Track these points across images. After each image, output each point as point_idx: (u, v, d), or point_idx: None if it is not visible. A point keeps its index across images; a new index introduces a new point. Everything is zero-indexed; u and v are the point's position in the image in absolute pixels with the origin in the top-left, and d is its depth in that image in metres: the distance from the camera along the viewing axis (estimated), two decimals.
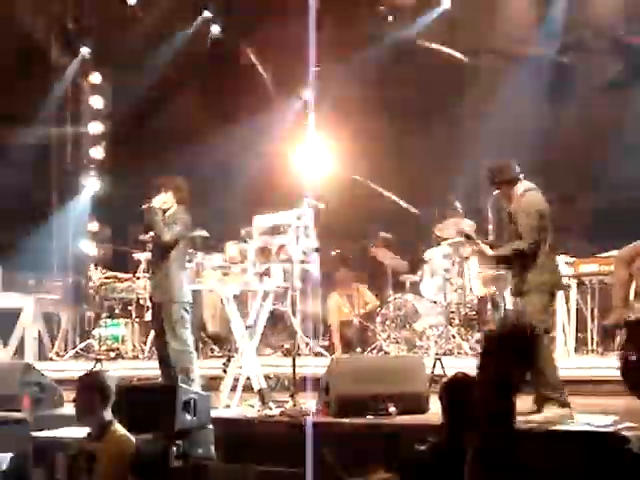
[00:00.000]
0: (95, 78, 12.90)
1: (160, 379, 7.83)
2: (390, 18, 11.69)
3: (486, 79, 11.60)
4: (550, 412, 6.22)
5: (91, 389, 4.96)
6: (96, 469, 4.79)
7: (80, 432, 5.47)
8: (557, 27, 11.21)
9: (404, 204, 11.52)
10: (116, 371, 9.21)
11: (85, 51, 12.84)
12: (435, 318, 9.51)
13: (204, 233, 10.60)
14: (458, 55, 11.64)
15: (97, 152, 12.80)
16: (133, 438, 4.94)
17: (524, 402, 6.47)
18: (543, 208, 6.55)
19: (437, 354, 8.09)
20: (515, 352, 3.79)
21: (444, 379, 5.38)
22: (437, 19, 11.72)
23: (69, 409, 7.45)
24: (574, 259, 8.88)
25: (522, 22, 11.41)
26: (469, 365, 6.34)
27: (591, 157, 10.59)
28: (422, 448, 4.30)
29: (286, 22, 11.60)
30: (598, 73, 11.24)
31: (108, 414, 4.95)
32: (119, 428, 4.94)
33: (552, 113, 11.04)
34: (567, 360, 8.44)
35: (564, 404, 6.30)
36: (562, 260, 8.83)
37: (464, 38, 11.68)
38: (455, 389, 4.41)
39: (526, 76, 11.35)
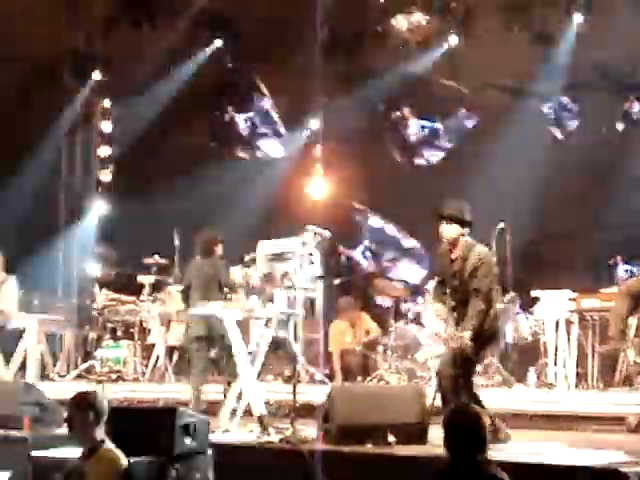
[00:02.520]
0: (106, 103, 13.03)
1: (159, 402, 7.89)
2: (401, 49, 11.78)
3: (489, 115, 11.70)
4: None
5: (84, 408, 4.98)
6: None
7: (79, 452, 5.50)
8: (561, 66, 11.34)
9: (405, 235, 11.57)
10: (117, 393, 9.23)
11: (97, 76, 12.98)
12: (437, 349, 9.50)
13: None
14: (464, 90, 11.76)
15: (106, 175, 12.91)
16: (124, 458, 4.96)
17: None
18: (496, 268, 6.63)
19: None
20: None
21: (449, 409, 5.38)
22: (443, 55, 11.85)
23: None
24: (576, 294, 8.91)
25: (526, 61, 11.51)
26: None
27: (594, 194, 10.66)
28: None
29: (296, 54, 11.75)
30: (601, 113, 11.34)
31: (100, 433, 4.97)
32: (110, 447, 4.96)
33: (555, 150, 11.13)
34: (567, 396, 8.45)
35: None
36: (565, 295, 8.90)
37: (468, 74, 11.79)
38: (459, 420, 4.41)
39: (529, 113, 11.47)
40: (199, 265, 8.72)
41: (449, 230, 6.62)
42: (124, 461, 4.93)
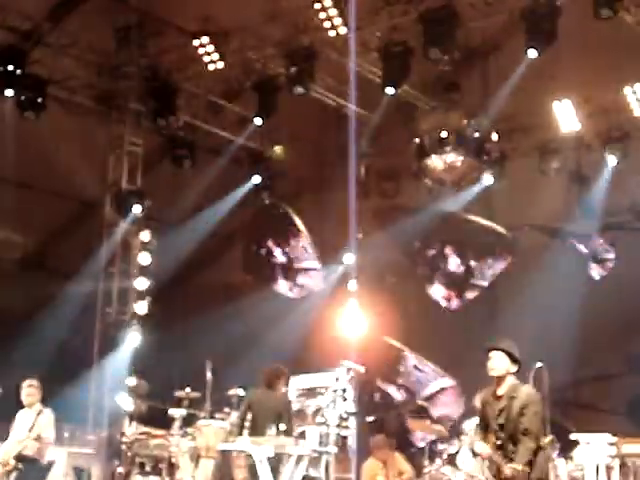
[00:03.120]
0: (144, 236, 13.23)
1: None
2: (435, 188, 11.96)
3: (525, 255, 11.71)
4: None
5: None
6: None
7: None
8: (596, 207, 11.41)
9: (441, 373, 11.44)
10: None
11: (137, 209, 13.25)
12: None
13: (240, 392, 10.57)
14: (500, 229, 11.84)
15: (141, 307, 12.97)
16: None
17: None
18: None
19: None
20: None
21: None
22: (478, 194, 12.01)
23: None
24: (617, 438, 8.67)
25: (562, 201, 11.61)
26: None
27: (629, 335, 10.51)
28: None
29: (332, 191, 11.97)
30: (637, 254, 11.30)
31: None
32: None
33: (590, 291, 11.06)
34: None
35: None
36: (605, 439, 8.65)
37: (504, 214, 11.90)
38: None
39: (564, 254, 11.47)
40: (260, 397, 8.57)
41: (499, 364, 6.49)
42: None
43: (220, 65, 11.29)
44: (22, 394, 9.06)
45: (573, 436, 8.91)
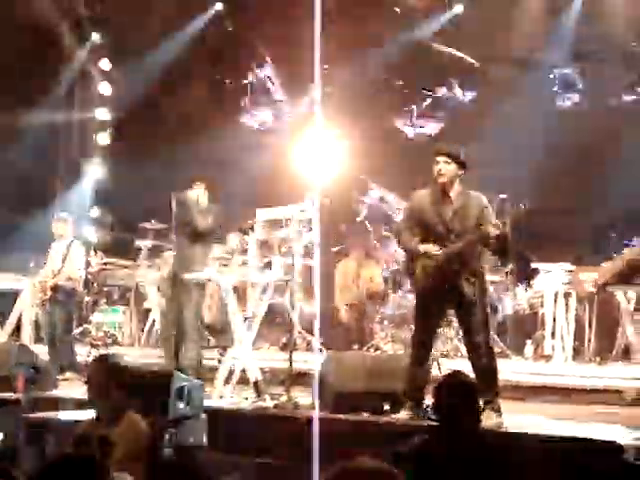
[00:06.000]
0: (104, 65, 12.89)
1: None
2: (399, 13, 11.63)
3: (491, 85, 11.57)
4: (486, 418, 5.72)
5: (109, 372, 4.88)
6: (113, 453, 4.54)
7: (73, 415, 5.46)
8: (568, 37, 11.21)
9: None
10: None
11: (96, 37, 12.84)
12: None
13: None
14: (470, 60, 11.62)
15: (103, 138, 12.80)
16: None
17: None
18: None
19: (434, 355, 8.03)
20: None
21: (439, 378, 5.32)
22: (448, 23, 11.72)
23: (62, 391, 7.48)
24: (574, 267, 8.88)
25: (533, 30, 11.37)
26: (466, 367, 6.35)
27: (595, 169, 10.57)
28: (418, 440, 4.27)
29: (297, 19, 11.56)
30: (609, 84, 11.21)
31: (124, 398, 4.87)
32: (133, 413, 4.86)
33: (558, 124, 11.02)
34: (564, 368, 8.43)
35: (499, 410, 6.13)
36: (562, 268, 8.86)
37: (474, 43, 11.65)
38: (449, 389, 4.36)
39: (534, 85, 11.35)
40: None
41: (448, 170, 6.06)
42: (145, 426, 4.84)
43: None
44: (53, 228, 9.06)
45: (534, 265, 9.12)
